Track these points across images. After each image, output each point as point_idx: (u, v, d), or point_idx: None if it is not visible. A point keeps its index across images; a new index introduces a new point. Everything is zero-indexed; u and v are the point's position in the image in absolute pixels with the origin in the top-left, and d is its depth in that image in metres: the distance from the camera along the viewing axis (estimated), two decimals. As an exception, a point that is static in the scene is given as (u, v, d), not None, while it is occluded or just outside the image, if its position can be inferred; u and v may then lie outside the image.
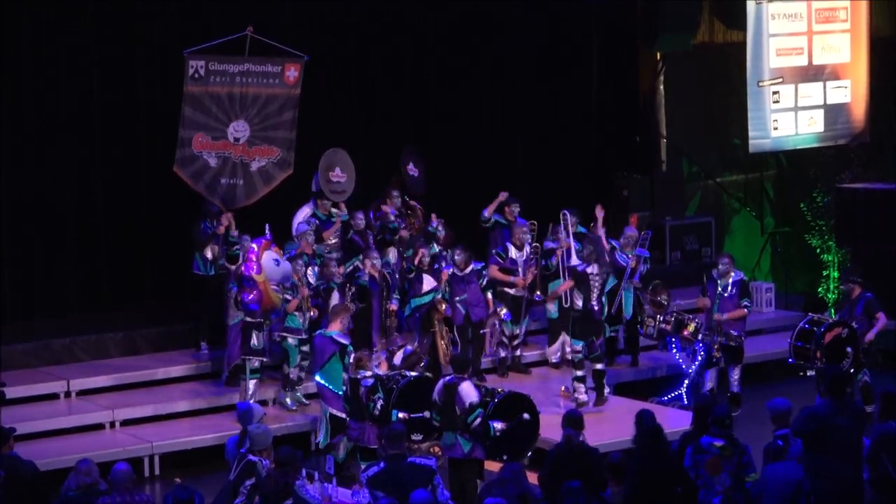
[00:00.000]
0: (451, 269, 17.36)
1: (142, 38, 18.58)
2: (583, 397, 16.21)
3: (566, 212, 17.75)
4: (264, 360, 16.36)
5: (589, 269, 16.37)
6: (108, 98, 18.41)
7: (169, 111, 18.37)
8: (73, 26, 18.15)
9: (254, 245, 16.20)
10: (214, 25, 18.30)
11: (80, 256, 18.49)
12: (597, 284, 16.38)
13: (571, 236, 17.55)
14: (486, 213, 18.41)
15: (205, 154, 17.23)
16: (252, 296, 16.05)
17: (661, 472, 11.18)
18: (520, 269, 17.91)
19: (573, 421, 11.96)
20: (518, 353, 18.17)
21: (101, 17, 18.30)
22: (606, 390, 16.42)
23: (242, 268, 16.12)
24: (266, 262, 16.23)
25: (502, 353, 18.01)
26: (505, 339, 17.96)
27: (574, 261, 16.83)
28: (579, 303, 16.38)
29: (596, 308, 16.39)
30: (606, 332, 17.11)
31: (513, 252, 17.95)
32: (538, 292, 18.03)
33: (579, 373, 16.30)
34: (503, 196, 18.41)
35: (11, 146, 17.81)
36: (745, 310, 17.17)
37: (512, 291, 17.91)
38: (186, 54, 17.12)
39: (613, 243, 17.99)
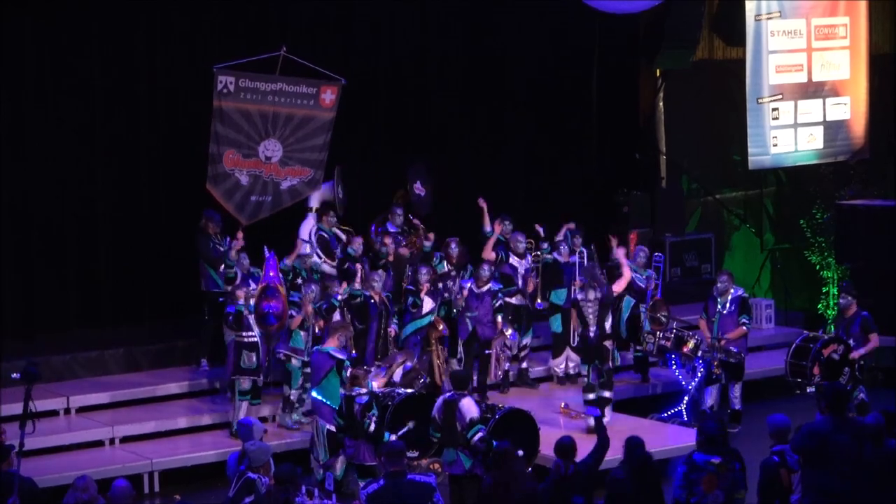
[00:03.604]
0: (469, 284, 17.40)
1: (145, 56, 18.60)
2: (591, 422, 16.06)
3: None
4: (256, 379, 16.19)
5: (580, 296, 16.25)
6: (110, 116, 18.43)
7: (171, 128, 18.45)
8: (76, 45, 18.18)
9: (268, 258, 16.16)
10: (215, 40, 18.37)
11: (80, 273, 18.50)
12: (591, 311, 16.20)
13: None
14: (488, 228, 18.37)
15: (236, 172, 17.25)
16: (273, 305, 15.99)
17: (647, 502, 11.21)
18: (519, 279, 17.89)
19: (563, 450, 11.86)
20: (524, 365, 18.13)
21: (106, 34, 18.32)
22: (606, 418, 16.21)
23: (264, 279, 16.05)
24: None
25: (505, 366, 17.97)
26: (508, 353, 17.93)
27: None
28: (579, 329, 16.36)
29: (592, 334, 16.19)
30: (617, 360, 16.86)
31: (513, 260, 17.94)
32: (539, 300, 17.98)
33: (591, 396, 16.18)
34: (482, 203, 18.28)
35: (12, 162, 17.83)
36: (745, 327, 17.16)
37: (514, 301, 17.87)
38: (216, 69, 17.08)
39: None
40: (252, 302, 16.07)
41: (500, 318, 17.51)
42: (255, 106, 17.22)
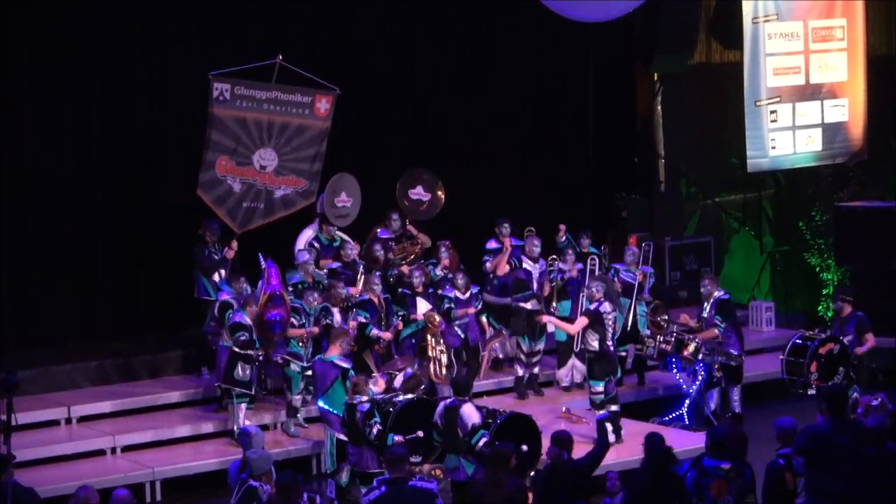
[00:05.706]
0: (454, 293, 17.36)
1: (141, 67, 18.60)
2: (612, 437, 15.79)
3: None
4: (250, 392, 16.08)
5: (602, 308, 16.09)
6: (107, 128, 18.42)
7: (168, 140, 18.43)
8: (73, 55, 18.19)
9: (269, 267, 16.14)
10: (214, 42, 18.38)
11: (80, 282, 18.49)
12: (610, 323, 16.15)
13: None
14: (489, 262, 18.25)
15: (229, 178, 17.17)
16: (278, 313, 15.94)
17: (668, 497, 11.18)
18: (534, 283, 17.84)
19: (559, 441, 11.88)
20: (536, 371, 18.03)
21: (106, 34, 18.31)
22: (622, 430, 16.17)
23: (267, 288, 16.01)
24: None
25: (520, 372, 17.93)
26: (523, 357, 17.88)
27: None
28: (595, 343, 16.01)
29: (612, 348, 16.19)
30: (618, 373, 16.65)
31: (527, 264, 17.88)
32: (554, 304, 17.90)
33: (603, 413, 15.99)
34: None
35: (11, 175, 17.84)
36: (716, 329, 17.00)
37: (528, 306, 17.81)
38: (211, 76, 17.03)
39: (618, 266, 18.02)
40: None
41: (483, 319, 17.54)
42: (251, 114, 17.17)
